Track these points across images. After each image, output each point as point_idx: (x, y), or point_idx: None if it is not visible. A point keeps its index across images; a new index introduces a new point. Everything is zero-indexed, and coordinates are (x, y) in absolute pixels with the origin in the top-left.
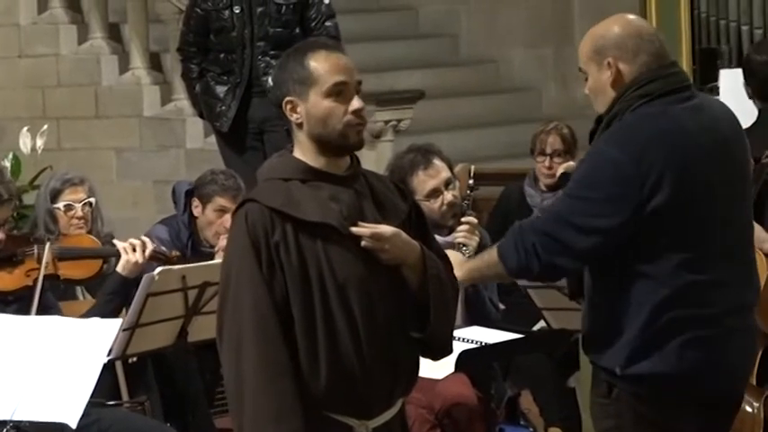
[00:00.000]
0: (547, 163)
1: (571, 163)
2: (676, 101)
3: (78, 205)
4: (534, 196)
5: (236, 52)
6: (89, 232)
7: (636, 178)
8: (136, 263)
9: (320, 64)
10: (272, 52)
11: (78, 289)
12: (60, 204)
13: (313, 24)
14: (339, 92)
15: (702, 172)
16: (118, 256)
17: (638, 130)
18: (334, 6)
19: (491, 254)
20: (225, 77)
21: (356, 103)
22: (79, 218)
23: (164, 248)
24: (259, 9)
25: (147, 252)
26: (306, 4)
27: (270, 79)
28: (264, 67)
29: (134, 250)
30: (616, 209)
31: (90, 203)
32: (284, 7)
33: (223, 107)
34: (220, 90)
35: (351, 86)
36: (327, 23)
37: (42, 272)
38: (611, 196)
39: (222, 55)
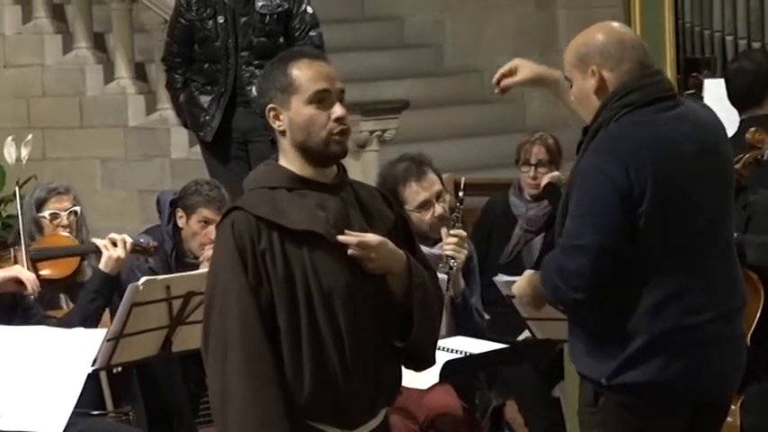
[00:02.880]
0: (531, 173)
1: (556, 173)
2: (659, 110)
3: (64, 214)
4: (519, 206)
5: (220, 62)
6: None
7: (628, 187)
8: (118, 258)
9: (302, 72)
10: (255, 62)
11: (63, 298)
12: (46, 213)
13: (297, 34)
14: (321, 99)
15: (685, 181)
16: (95, 252)
17: (622, 141)
18: (318, 16)
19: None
20: (209, 87)
21: (338, 110)
22: (64, 226)
23: (142, 240)
24: (243, 19)
25: (128, 246)
26: (290, 13)
27: (254, 89)
28: (248, 77)
29: (114, 245)
30: (615, 220)
31: (75, 212)
32: (268, 17)
33: (207, 117)
34: (204, 100)
35: (333, 94)
36: (311, 33)
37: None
38: (610, 208)
39: (206, 65)
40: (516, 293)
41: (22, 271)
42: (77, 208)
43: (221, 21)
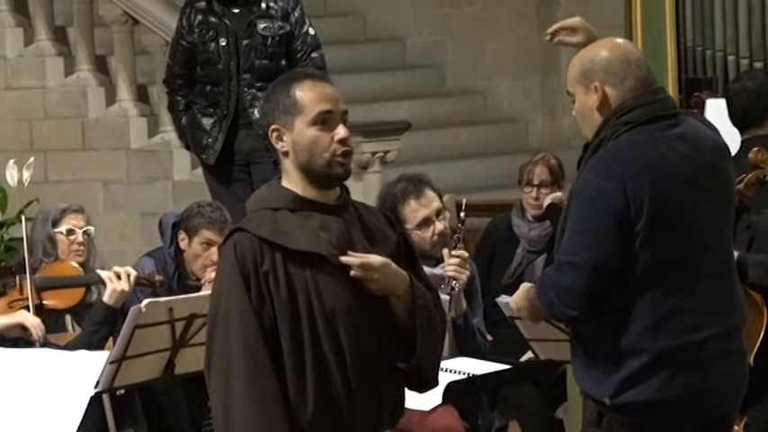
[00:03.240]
0: (534, 194)
1: (558, 194)
2: (660, 128)
3: (79, 231)
4: (521, 226)
5: (222, 84)
6: (83, 263)
7: (624, 205)
8: (122, 291)
9: (306, 93)
10: (258, 84)
11: (69, 321)
12: (62, 228)
13: (299, 56)
14: (324, 120)
15: (683, 201)
16: (99, 283)
17: (620, 158)
18: (320, 37)
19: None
20: (211, 110)
21: (341, 131)
22: (80, 243)
23: (146, 270)
24: (245, 41)
25: (132, 279)
26: (291, 35)
27: (256, 111)
28: (251, 99)
29: (119, 278)
30: (610, 237)
31: (88, 233)
32: (270, 39)
33: (209, 139)
34: (207, 122)
35: (336, 115)
36: (313, 55)
37: (32, 302)
38: (605, 225)
39: (208, 87)
40: (514, 307)
41: (26, 317)
42: (91, 228)
43: (223, 43)
